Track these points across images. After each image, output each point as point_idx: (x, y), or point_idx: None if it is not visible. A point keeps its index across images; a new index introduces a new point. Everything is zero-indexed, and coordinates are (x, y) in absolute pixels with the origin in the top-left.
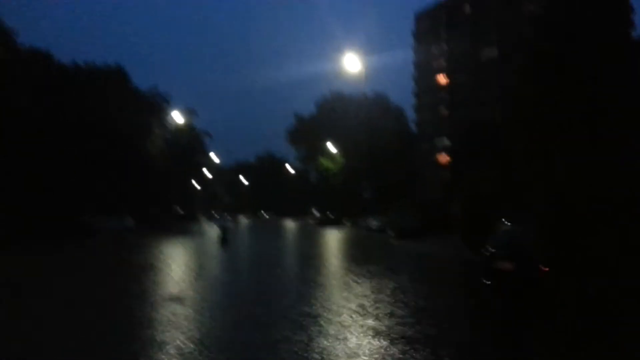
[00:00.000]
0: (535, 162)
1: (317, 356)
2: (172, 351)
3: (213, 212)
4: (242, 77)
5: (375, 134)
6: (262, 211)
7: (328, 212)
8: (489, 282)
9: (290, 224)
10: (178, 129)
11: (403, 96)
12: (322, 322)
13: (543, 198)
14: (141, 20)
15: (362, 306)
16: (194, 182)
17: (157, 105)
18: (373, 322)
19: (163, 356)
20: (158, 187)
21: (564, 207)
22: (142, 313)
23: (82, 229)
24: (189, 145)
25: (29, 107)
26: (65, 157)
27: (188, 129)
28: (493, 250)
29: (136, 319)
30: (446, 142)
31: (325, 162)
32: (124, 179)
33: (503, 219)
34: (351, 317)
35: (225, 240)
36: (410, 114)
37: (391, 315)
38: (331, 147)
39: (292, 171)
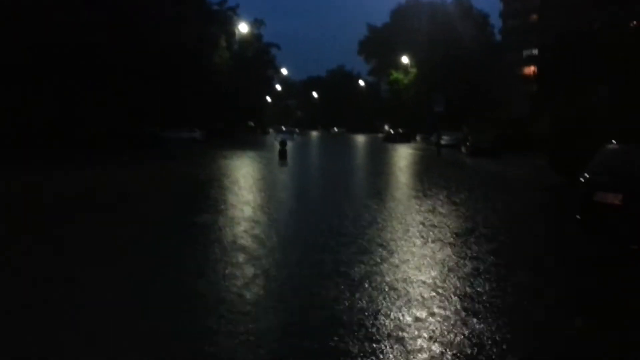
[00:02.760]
0: None
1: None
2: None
3: (282, 126)
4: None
5: (452, 42)
6: (333, 126)
7: (398, 128)
8: (585, 220)
9: (359, 139)
10: (245, 40)
11: (487, 3)
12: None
13: None
14: None
15: (422, 235)
16: (265, 95)
17: (224, 17)
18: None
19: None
20: (227, 100)
21: None
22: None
23: (148, 140)
24: (258, 58)
25: (86, 20)
26: (130, 72)
27: (255, 40)
28: (593, 177)
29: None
30: (534, 52)
31: (397, 74)
32: (191, 92)
33: (613, 140)
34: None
35: (283, 154)
36: (495, 23)
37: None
38: (404, 58)
39: (362, 84)
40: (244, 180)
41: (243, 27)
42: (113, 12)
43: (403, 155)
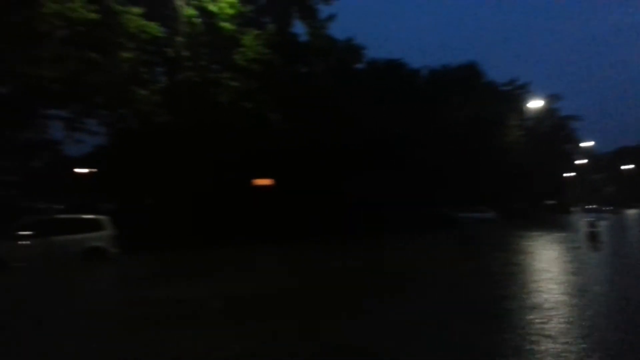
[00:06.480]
0: None
1: None
2: None
3: (588, 204)
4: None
5: None
6: None
7: None
8: None
9: None
10: (539, 116)
11: None
12: None
13: None
14: (491, 16)
15: None
16: (564, 171)
17: (514, 96)
18: None
19: None
20: (520, 179)
21: None
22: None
23: (443, 221)
24: (554, 133)
25: (386, 114)
26: (430, 159)
27: (550, 115)
28: None
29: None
30: None
31: None
32: (485, 172)
33: None
34: None
35: (593, 235)
36: None
37: None
38: None
39: None
40: (549, 265)
41: (537, 104)
42: (422, 104)
43: None
